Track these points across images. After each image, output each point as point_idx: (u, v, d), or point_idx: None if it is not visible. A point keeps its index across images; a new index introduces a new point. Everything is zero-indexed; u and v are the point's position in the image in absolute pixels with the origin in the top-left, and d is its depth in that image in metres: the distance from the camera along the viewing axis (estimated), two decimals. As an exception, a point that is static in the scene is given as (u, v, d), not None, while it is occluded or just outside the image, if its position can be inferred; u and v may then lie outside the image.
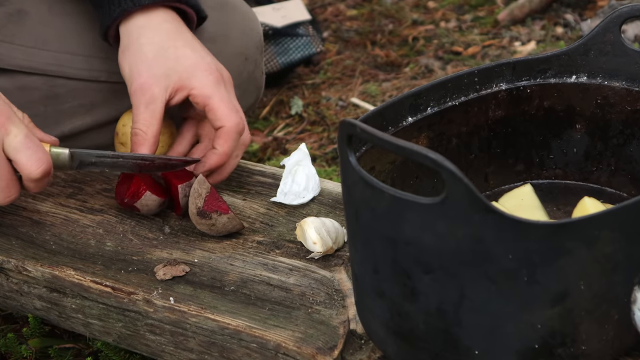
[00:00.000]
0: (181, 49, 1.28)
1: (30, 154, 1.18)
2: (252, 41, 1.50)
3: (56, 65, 1.39)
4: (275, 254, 1.22)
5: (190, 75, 1.27)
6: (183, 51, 1.28)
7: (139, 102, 1.27)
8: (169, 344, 1.16)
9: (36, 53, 1.39)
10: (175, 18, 1.32)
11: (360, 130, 0.89)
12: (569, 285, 0.90)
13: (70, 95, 1.41)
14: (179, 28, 1.32)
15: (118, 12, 1.29)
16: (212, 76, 1.27)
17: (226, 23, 1.47)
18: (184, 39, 1.30)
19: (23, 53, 1.38)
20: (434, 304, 0.92)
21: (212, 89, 1.27)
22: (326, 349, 1.06)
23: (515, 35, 2.47)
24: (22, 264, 1.22)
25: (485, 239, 0.87)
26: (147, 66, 1.27)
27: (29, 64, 1.39)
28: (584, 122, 1.20)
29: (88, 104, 1.41)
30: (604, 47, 1.16)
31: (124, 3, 1.29)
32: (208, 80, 1.27)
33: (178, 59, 1.28)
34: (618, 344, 0.97)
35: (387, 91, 2.26)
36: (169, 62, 1.27)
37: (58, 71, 1.40)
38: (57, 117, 1.40)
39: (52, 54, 1.39)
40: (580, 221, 0.89)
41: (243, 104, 1.50)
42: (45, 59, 1.39)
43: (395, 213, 0.89)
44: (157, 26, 1.30)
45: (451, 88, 1.14)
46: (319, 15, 2.70)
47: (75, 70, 1.40)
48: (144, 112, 1.26)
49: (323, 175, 1.88)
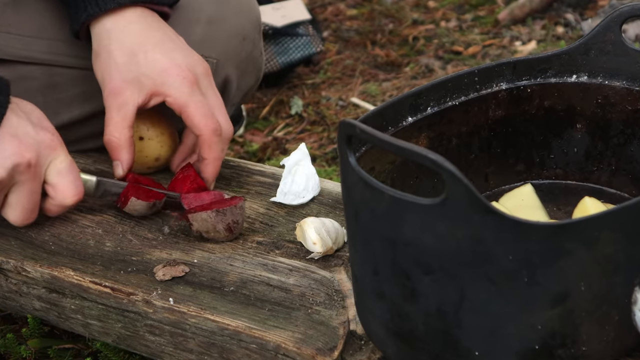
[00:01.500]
0: (151, 53, 1.28)
1: (72, 180, 1.21)
2: (249, 21, 1.48)
3: (54, 53, 1.39)
4: (275, 254, 1.22)
5: (163, 81, 1.28)
6: (153, 55, 1.28)
7: (111, 106, 1.28)
8: (168, 345, 1.15)
9: (34, 42, 1.38)
10: (143, 14, 1.32)
11: (359, 131, 0.89)
12: (569, 286, 0.89)
13: (69, 84, 1.41)
14: (148, 26, 1.31)
15: (84, 17, 1.30)
16: (185, 81, 1.27)
17: (222, 3, 1.46)
18: (153, 40, 1.30)
19: (20, 42, 1.38)
20: (434, 305, 0.92)
21: (186, 96, 1.27)
22: (326, 349, 1.05)
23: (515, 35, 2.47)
24: (21, 264, 1.22)
25: (485, 240, 0.87)
26: (118, 72, 1.28)
27: (27, 53, 1.38)
28: (585, 121, 1.19)
29: (87, 92, 1.41)
30: (605, 46, 1.15)
31: (90, 8, 1.29)
32: (182, 86, 1.27)
33: (149, 64, 1.28)
34: (619, 345, 0.97)
35: (387, 91, 2.26)
36: (140, 67, 1.28)
37: (56, 60, 1.39)
38: (55, 107, 1.40)
39: (50, 42, 1.39)
40: (581, 222, 0.89)
41: (242, 86, 1.50)
42: (43, 48, 1.39)
43: (395, 214, 0.89)
44: (124, 29, 1.30)
45: (451, 88, 1.13)
46: (319, 14, 2.70)
47: (73, 59, 1.40)
48: (115, 116, 1.27)
49: (323, 175, 1.88)
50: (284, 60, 2.29)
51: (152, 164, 1.37)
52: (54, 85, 1.40)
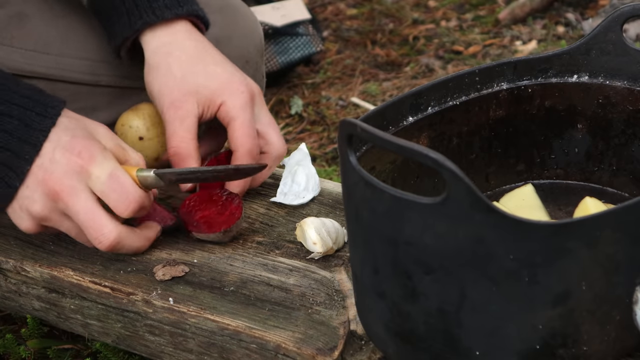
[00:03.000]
0: (211, 67, 1.28)
1: (116, 197, 1.13)
2: (253, 44, 1.49)
3: (58, 69, 1.39)
4: (275, 254, 1.21)
5: (222, 91, 1.27)
6: (213, 68, 1.28)
7: (173, 119, 1.26)
8: (168, 345, 1.15)
9: (37, 56, 1.38)
10: (194, 31, 1.32)
11: (360, 130, 0.89)
12: (570, 285, 0.89)
13: (72, 99, 1.40)
14: (203, 44, 1.31)
15: (140, 24, 1.28)
16: (243, 96, 1.27)
17: (228, 25, 1.46)
18: (210, 56, 1.30)
19: (23, 56, 1.37)
20: (435, 305, 0.92)
21: (238, 110, 1.26)
22: (326, 349, 1.05)
23: (516, 35, 2.47)
24: (20, 264, 1.22)
25: (486, 239, 0.87)
26: (177, 85, 1.27)
27: (30, 67, 1.38)
28: (586, 121, 1.19)
29: (89, 107, 1.41)
30: (606, 46, 1.15)
31: (146, 15, 1.28)
32: (238, 99, 1.26)
33: (208, 75, 1.27)
34: (620, 345, 0.97)
35: (387, 91, 2.26)
36: (199, 78, 1.27)
37: (59, 75, 1.39)
38: None
39: (54, 57, 1.38)
40: (582, 221, 0.88)
41: None
42: (47, 63, 1.38)
43: (395, 213, 0.89)
44: (182, 43, 1.29)
45: (452, 87, 1.13)
46: (318, 14, 2.70)
47: (78, 74, 1.39)
48: (179, 129, 1.25)
49: (323, 175, 1.87)
50: (284, 59, 2.29)
51: (152, 164, 1.37)
52: None
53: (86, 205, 1.12)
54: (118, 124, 1.35)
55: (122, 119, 1.35)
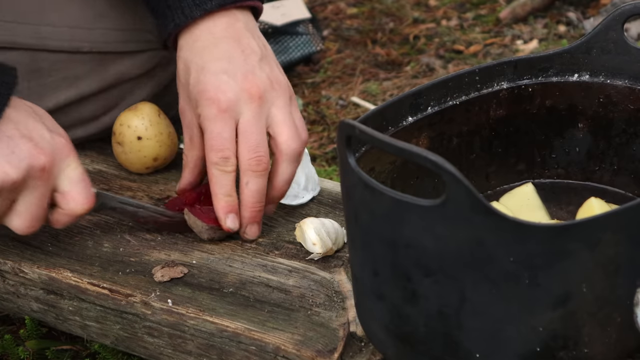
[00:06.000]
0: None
1: (84, 187, 1.16)
2: None
3: (37, 38, 1.37)
4: (274, 255, 1.21)
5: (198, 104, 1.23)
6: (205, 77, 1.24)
7: (182, 126, 1.27)
8: (167, 347, 1.15)
9: (16, 27, 1.37)
10: (231, 21, 1.27)
11: (359, 132, 0.88)
12: (571, 287, 0.89)
13: (54, 69, 1.39)
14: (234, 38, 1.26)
15: (172, 26, 1.26)
16: (214, 105, 1.22)
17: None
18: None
19: (2, 28, 1.36)
20: (435, 307, 0.92)
21: (204, 122, 1.22)
22: (326, 351, 1.05)
23: (517, 34, 2.46)
24: (18, 265, 1.21)
25: (486, 242, 0.86)
26: (182, 91, 1.27)
27: (10, 38, 1.36)
28: (587, 121, 1.19)
29: (72, 76, 1.40)
30: (607, 45, 1.15)
31: (177, 17, 1.26)
32: (206, 111, 1.22)
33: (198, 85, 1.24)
34: (621, 347, 0.97)
35: (387, 90, 2.26)
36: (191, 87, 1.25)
37: (40, 44, 1.38)
38: (40, 92, 1.38)
39: (33, 27, 1.37)
40: (583, 223, 0.88)
41: None
42: (26, 33, 1.37)
43: (395, 215, 0.89)
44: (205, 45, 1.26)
45: (452, 87, 1.13)
46: (319, 13, 2.69)
47: (58, 42, 1.38)
48: (184, 136, 1.26)
49: (323, 175, 1.87)
50: (284, 59, 2.28)
51: (151, 164, 1.37)
52: (39, 70, 1.38)
53: None
54: (116, 124, 1.35)
55: (121, 118, 1.35)
